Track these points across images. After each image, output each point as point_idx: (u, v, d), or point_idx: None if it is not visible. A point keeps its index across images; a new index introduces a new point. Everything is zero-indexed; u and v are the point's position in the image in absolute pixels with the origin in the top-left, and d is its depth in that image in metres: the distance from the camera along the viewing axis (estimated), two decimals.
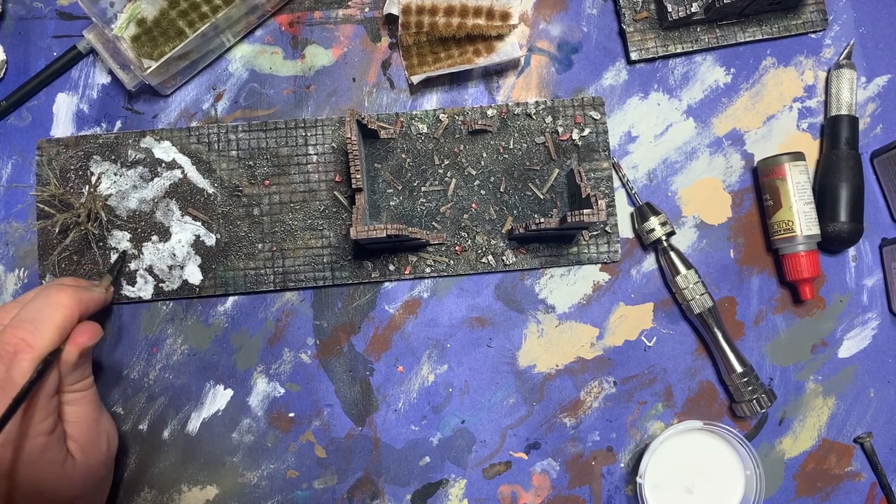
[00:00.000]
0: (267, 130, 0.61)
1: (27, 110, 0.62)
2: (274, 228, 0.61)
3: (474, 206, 0.61)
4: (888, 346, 0.61)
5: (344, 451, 0.60)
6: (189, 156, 0.61)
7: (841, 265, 0.62)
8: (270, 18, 0.64)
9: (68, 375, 0.49)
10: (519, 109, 0.62)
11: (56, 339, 0.47)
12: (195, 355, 0.60)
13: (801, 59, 0.64)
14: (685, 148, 0.63)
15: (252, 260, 0.60)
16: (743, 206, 0.62)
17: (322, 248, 0.60)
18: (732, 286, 0.62)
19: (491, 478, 0.60)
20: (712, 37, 0.62)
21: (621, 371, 0.61)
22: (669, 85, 0.63)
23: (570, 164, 0.61)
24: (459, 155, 0.61)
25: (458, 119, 0.61)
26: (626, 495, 0.60)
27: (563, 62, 0.63)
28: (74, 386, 0.50)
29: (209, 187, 0.61)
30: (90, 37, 0.59)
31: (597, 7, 0.64)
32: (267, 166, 0.61)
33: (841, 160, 0.60)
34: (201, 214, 0.60)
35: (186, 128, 0.61)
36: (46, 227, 0.60)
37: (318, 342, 0.61)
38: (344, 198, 0.61)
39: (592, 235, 0.61)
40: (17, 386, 0.44)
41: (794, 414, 0.61)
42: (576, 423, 0.60)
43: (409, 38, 0.60)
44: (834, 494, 0.60)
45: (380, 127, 0.56)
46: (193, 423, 0.60)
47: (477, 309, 0.61)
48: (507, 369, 0.61)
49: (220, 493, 0.59)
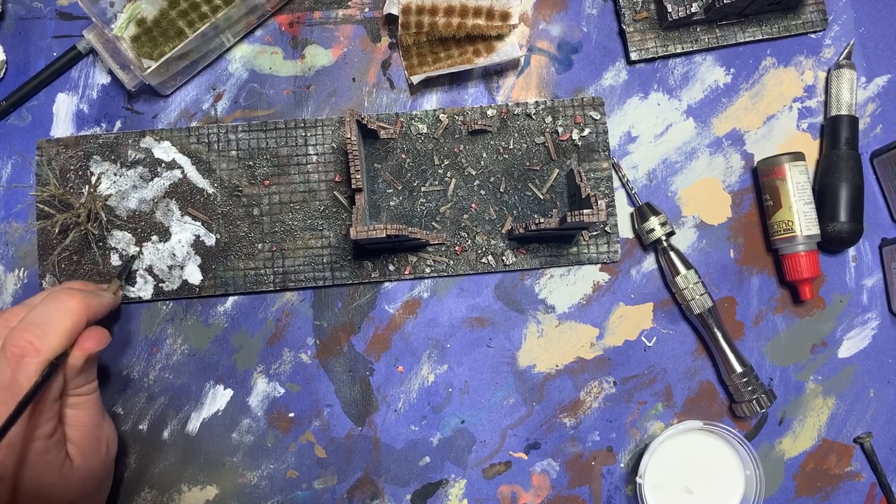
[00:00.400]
0: (267, 130, 0.61)
1: (27, 110, 0.62)
2: (274, 228, 0.61)
3: (474, 206, 0.61)
4: (888, 346, 0.61)
5: (344, 451, 0.60)
6: (189, 156, 0.61)
7: (841, 265, 0.62)
8: (270, 18, 0.64)
9: (73, 379, 0.49)
10: (519, 109, 0.62)
11: (63, 343, 0.47)
12: (195, 355, 0.60)
13: (801, 59, 0.64)
14: (685, 148, 0.63)
15: (252, 260, 0.60)
16: (743, 206, 0.62)
17: (322, 249, 0.60)
18: (732, 286, 0.62)
19: (491, 478, 0.60)
20: (712, 37, 0.62)
21: (621, 371, 0.61)
22: (669, 85, 0.63)
23: (570, 165, 0.61)
24: (459, 155, 0.61)
25: (458, 119, 0.61)
26: (626, 495, 0.60)
27: (563, 62, 0.63)
28: (79, 390, 0.50)
29: (209, 187, 0.61)
30: (90, 37, 0.59)
31: (597, 7, 0.64)
32: (267, 166, 0.61)
33: (841, 160, 0.60)
34: (201, 214, 0.60)
35: (186, 128, 0.61)
36: (46, 227, 0.60)
37: (318, 342, 0.61)
38: (344, 198, 0.61)
39: (592, 235, 0.61)
40: (23, 389, 0.44)
41: (794, 414, 0.61)
42: (576, 423, 0.60)
43: (409, 38, 0.60)
44: (834, 494, 0.60)
45: (380, 127, 0.56)
46: (193, 423, 0.60)
47: (477, 309, 0.61)
48: (507, 369, 0.61)
49: (220, 493, 0.59)
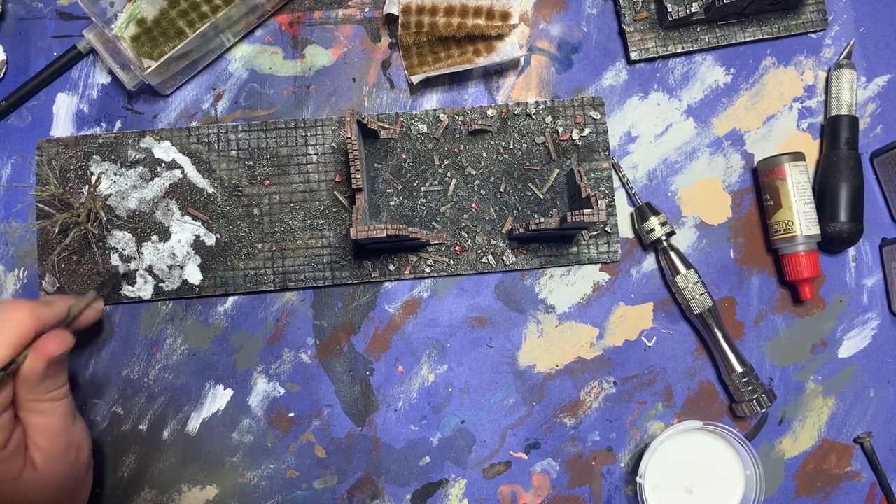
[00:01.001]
0: (267, 130, 0.61)
1: (27, 110, 0.62)
2: (274, 228, 0.61)
3: (474, 206, 0.61)
4: (888, 346, 0.61)
5: (344, 451, 0.60)
6: (189, 156, 0.61)
7: (841, 265, 0.62)
8: (270, 18, 0.64)
9: (38, 385, 0.48)
10: (519, 109, 0.62)
11: (9, 353, 0.46)
12: (195, 355, 0.60)
13: (801, 59, 0.64)
14: (685, 148, 0.63)
15: (252, 260, 0.60)
16: (743, 206, 0.62)
17: (322, 248, 0.60)
18: (732, 286, 0.62)
19: (491, 478, 0.60)
20: (712, 37, 0.62)
21: (621, 371, 0.61)
22: (669, 85, 0.63)
23: (570, 164, 0.61)
24: (459, 155, 0.61)
25: (458, 119, 0.61)
26: (626, 495, 0.60)
27: (563, 62, 0.63)
28: (46, 396, 0.49)
29: (209, 187, 0.61)
30: (90, 36, 0.59)
31: (597, 7, 0.64)
32: (267, 166, 0.61)
33: (841, 160, 0.60)
34: (201, 214, 0.60)
35: (186, 128, 0.61)
36: (46, 226, 0.60)
37: (318, 342, 0.61)
38: (344, 198, 0.61)
39: (592, 235, 0.61)
40: None
41: (794, 414, 0.61)
42: (576, 423, 0.60)
43: (409, 38, 0.60)
44: (834, 494, 0.60)
45: (380, 127, 0.56)
46: (193, 423, 0.60)
47: (477, 309, 0.61)
48: (507, 369, 0.61)
49: (220, 493, 0.59)
